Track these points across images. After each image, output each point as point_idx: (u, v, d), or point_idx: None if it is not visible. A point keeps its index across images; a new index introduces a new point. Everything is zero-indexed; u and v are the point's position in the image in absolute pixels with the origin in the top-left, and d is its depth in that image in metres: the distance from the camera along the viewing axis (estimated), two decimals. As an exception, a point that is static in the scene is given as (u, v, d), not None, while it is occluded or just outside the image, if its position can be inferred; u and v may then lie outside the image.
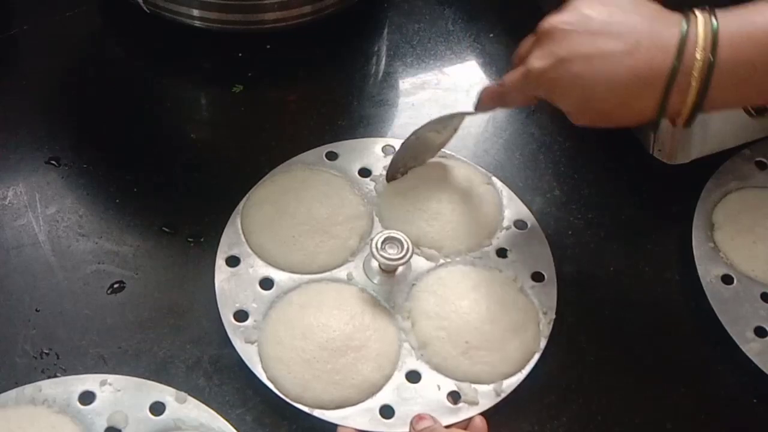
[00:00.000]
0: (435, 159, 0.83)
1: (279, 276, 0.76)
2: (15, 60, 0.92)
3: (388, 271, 0.76)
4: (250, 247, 0.77)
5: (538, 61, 0.67)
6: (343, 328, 0.72)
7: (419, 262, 0.77)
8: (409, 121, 0.89)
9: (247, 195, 0.79)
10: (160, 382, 0.69)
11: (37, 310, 0.74)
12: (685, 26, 0.63)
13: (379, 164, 0.83)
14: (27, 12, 0.93)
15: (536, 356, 0.73)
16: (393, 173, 0.81)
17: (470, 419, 0.69)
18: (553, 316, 0.75)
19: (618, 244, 0.83)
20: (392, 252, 0.74)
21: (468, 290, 0.75)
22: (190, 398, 0.68)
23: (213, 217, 0.81)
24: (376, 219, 0.80)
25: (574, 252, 0.82)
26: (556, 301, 0.76)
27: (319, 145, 0.85)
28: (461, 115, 0.80)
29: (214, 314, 0.75)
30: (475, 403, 0.71)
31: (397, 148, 0.82)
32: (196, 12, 0.87)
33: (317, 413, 0.69)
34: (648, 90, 0.63)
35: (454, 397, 0.71)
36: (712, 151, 0.85)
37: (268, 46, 0.93)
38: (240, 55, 0.92)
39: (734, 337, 0.75)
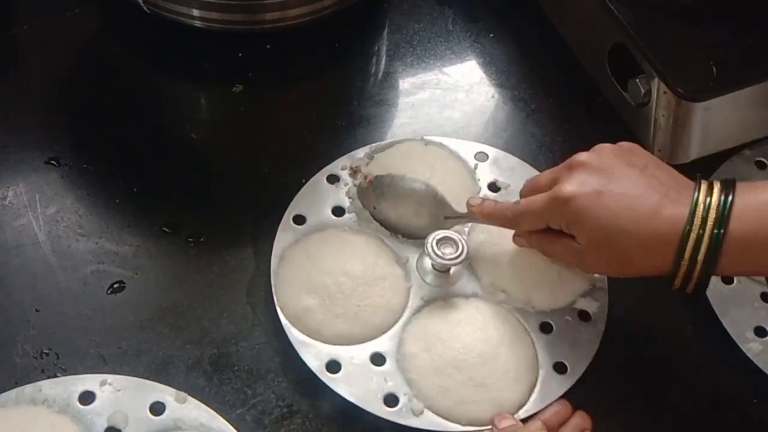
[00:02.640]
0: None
1: (379, 346, 0.73)
2: (15, 60, 0.92)
3: (443, 270, 0.76)
4: (332, 343, 0.72)
5: (570, 186, 0.67)
6: (476, 337, 0.72)
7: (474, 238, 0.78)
8: (409, 121, 0.89)
9: (276, 305, 0.74)
10: (160, 382, 0.69)
11: (37, 310, 0.74)
12: (696, 196, 0.65)
13: (339, 195, 0.81)
14: (27, 12, 0.93)
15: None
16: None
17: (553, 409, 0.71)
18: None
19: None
20: (449, 251, 0.74)
21: (509, 235, 0.76)
22: (190, 398, 0.68)
23: (213, 217, 0.81)
24: (388, 240, 0.78)
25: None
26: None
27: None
28: (444, 209, 0.78)
29: (215, 314, 0.75)
30: (600, 305, 0.75)
31: (336, 173, 0.81)
32: (196, 12, 0.87)
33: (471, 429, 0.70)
34: (662, 250, 0.65)
35: (584, 316, 0.75)
36: (712, 151, 0.85)
37: (268, 46, 0.93)
38: (240, 55, 0.92)
39: (734, 337, 0.75)
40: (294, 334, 0.73)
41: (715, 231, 0.63)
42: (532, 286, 0.76)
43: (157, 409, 0.68)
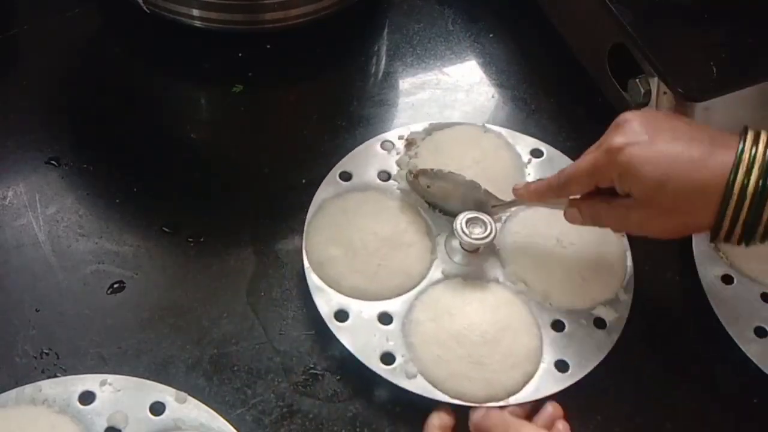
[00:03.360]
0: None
1: (390, 306, 0.75)
2: (15, 60, 0.92)
3: (472, 251, 0.77)
4: (347, 295, 0.75)
5: (619, 138, 0.67)
6: (484, 318, 0.74)
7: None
8: (409, 121, 0.89)
9: (304, 249, 0.76)
10: (160, 382, 0.69)
11: (37, 310, 0.74)
12: (741, 146, 0.64)
13: (389, 162, 0.83)
14: (27, 12, 0.93)
15: (628, 254, 0.79)
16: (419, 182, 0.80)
17: (538, 405, 0.71)
18: None
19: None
20: (478, 231, 0.75)
21: (549, 230, 0.78)
22: (190, 398, 0.68)
23: (213, 217, 0.81)
24: (425, 213, 0.80)
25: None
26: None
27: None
28: (488, 197, 0.78)
29: (215, 314, 0.75)
30: (618, 317, 0.75)
31: (391, 140, 0.84)
32: (196, 12, 0.87)
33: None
34: (709, 199, 0.64)
35: (599, 323, 0.75)
36: (712, 151, 0.85)
37: (268, 46, 0.93)
38: (240, 55, 0.92)
39: (734, 337, 0.75)
40: (313, 279, 0.75)
41: (761, 181, 0.62)
42: (553, 283, 0.76)
43: (157, 409, 0.68)
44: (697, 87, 0.80)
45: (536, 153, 0.85)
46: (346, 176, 0.82)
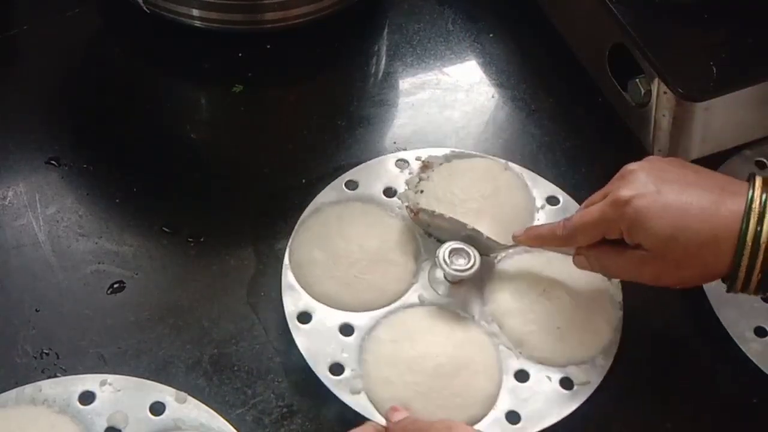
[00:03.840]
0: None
1: (355, 319, 0.74)
2: (15, 60, 0.92)
3: (455, 282, 0.75)
4: (316, 299, 0.74)
5: (626, 190, 0.66)
6: (445, 350, 0.71)
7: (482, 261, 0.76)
8: (409, 121, 0.89)
9: (288, 247, 0.76)
10: (160, 382, 0.69)
11: (37, 310, 0.74)
12: (750, 194, 0.63)
13: (399, 181, 0.81)
14: (27, 12, 0.93)
15: (618, 321, 0.75)
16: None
17: None
18: (619, 281, 0.76)
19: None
20: (461, 263, 0.73)
21: (539, 278, 0.75)
22: (190, 398, 0.68)
23: (213, 217, 0.81)
24: (419, 236, 0.78)
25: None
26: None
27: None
28: (491, 243, 0.76)
29: (215, 314, 0.75)
30: (587, 383, 0.71)
31: (407, 159, 0.82)
32: (196, 12, 0.87)
33: None
34: (723, 248, 0.63)
35: (566, 383, 0.72)
36: (712, 151, 0.85)
37: (268, 46, 0.93)
38: (240, 55, 0.92)
39: (734, 337, 0.75)
40: (288, 277, 0.75)
41: None
42: (529, 332, 0.73)
43: (157, 409, 0.68)
44: (697, 87, 0.80)
45: (552, 200, 0.82)
46: (352, 185, 0.81)
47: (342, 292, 0.74)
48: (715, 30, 0.84)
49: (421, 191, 0.80)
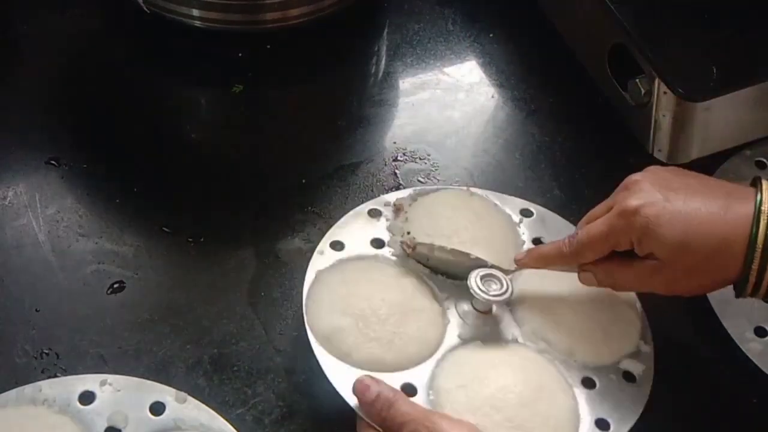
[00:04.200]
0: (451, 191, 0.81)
1: (411, 377, 0.69)
2: (15, 60, 0.92)
3: (485, 311, 0.73)
4: (360, 367, 0.69)
5: (632, 200, 0.65)
6: (516, 379, 0.69)
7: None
8: (409, 121, 0.89)
9: (306, 325, 0.70)
10: (160, 382, 0.69)
11: (37, 310, 0.74)
12: (759, 198, 0.63)
13: (379, 230, 0.77)
14: (27, 12, 0.93)
15: (638, 305, 0.75)
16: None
17: None
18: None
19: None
20: (495, 288, 0.71)
21: (558, 288, 0.74)
22: (190, 398, 0.68)
23: (213, 217, 0.81)
24: (426, 278, 0.75)
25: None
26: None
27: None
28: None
29: (215, 314, 0.75)
30: (646, 370, 0.72)
31: (377, 207, 0.79)
32: (196, 12, 0.87)
33: None
34: (733, 252, 0.63)
35: (628, 377, 0.72)
36: (712, 151, 0.85)
37: (268, 46, 0.93)
38: (240, 55, 0.92)
39: (734, 337, 0.75)
40: (322, 355, 0.69)
41: None
42: (575, 339, 0.72)
43: (157, 409, 0.68)
44: (697, 87, 0.80)
45: (526, 213, 0.80)
46: (338, 246, 0.76)
47: (387, 352, 0.70)
48: (715, 30, 0.84)
49: (408, 232, 0.77)
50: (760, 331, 0.76)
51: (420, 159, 0.87)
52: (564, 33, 0.95)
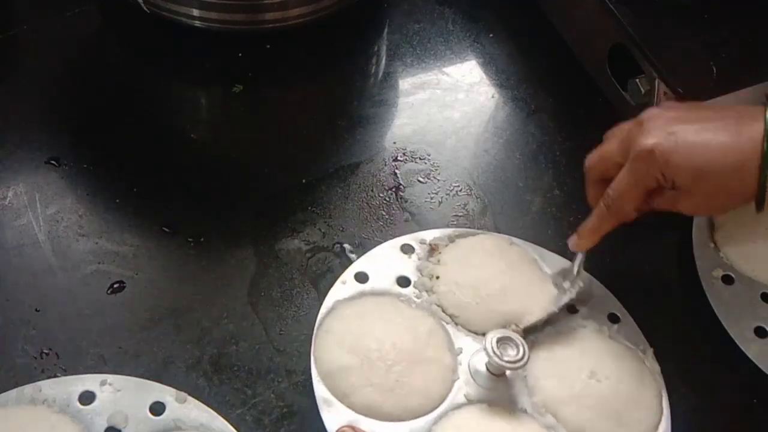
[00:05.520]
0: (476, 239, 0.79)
1: (406, 429, 0.67)
2: (15, 60, 0.92)
3: (498, 374, 0.70)
4: (357, 411, 0.67)
5: (648, 138, 0.67)
6: None
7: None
8: (409, 122, 0.89)
9: (312, 354, 0.70)
10: (160, 382, 0.69)
11: (37, 310, 0.74)
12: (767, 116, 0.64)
13: (408, 268, 0.76)
14: (27, 12, 0.93)
15: (664, 393, 0.72)
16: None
17: None
18: (652, 350, 0.74)
19: (618, 244, 0.82)
20: (511, 354, 0.67)
21: (582, 358, 0.71)
22: (190, 398, 0.68)
23: (213, 217, 0.81)
24: (447, 325, 0.73)
25: (574, 252, 0.82)
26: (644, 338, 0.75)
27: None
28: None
29: (215, 314, 0.75)
30: None
31: (411, 243, 0.77)
32: (196, 12, 0.87)
33: None
34: (748, 171, 0.65)
35: None
36: (712, 151, 0.85)
37: (268, 46, 0.93)
38: (240, 55, 0.92)
39: (734, 337, 0.75)
40: (320, 391, 0.68)
41: None
42: (587, 419, 0.69)
43: (157, 409, 0.68)
44: (697, 87, 0.80)
45: (565, 272, 0.77)
46: (362, 278, 0.75)
47: (385, 400, 0.68)
48: (715, 30, 0.84)
49: (437, 277, 0.75)
50: (760, 331, 0.76)
51: (420, 159, 0.87)
52: (564, 33, 0.95)
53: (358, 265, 0.76)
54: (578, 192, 0.85)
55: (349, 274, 0.75)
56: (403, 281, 0.75)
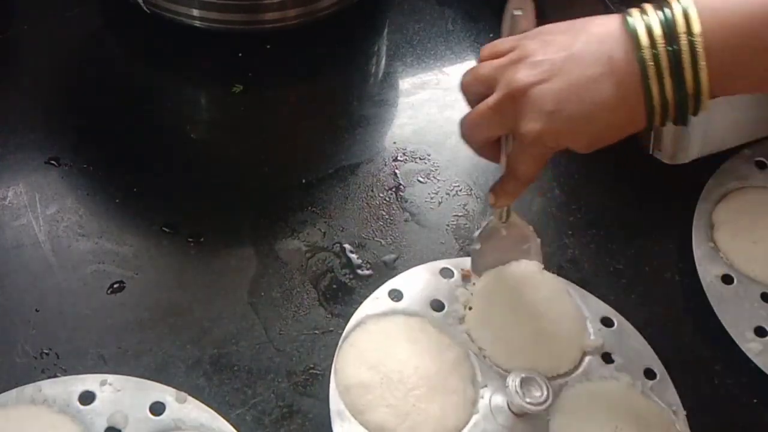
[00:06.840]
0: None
1: None
2: (15, 60, 0.92)
3: (519, 414, 0.68)
4: (369, 429, 0.66)
5: (531, 123, 0.64)
6: None
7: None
8: (409, 122, 0.89)
9: (333, 366, 0.69)
10: (160, 382, 0.69)
11: (37, 310, 0.74)
12: (631, 22, 0.61)
13: (445, 292, 0.74)
14: (27, 12, 0.93)
15: None
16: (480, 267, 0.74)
17: None
18: (685, 413, 0.71)
19: (618, 244, 0.83)
20: (536, 395, 0.66)
21: (609, 411, 0.69)
22: (190, 398, 0.68)
23: (213, 217, 0.81)
24: (474, 357, 0.71)
25: (574, 253, 0.82)
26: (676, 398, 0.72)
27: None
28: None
29: (215, 314, 0.75)
30: None
31: (452, 268, 0.76)
32: (196, 12, 0.87)
33: None
34: (634, 94, 0.61)
35: None
36: (712, 151, 0.85)
37: (268, 46, 0.93)
38: (240, 55, 0.92)
39: (734, 337, 0.75)
40: (336, 403, 0.67)
41: (669, 48, 0.59)
42: None
43: (157, 409, 0.68)
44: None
45: (606, 322, 0.75)
46: (396, 295, 0.73)
47: (400, 424, 0.66)
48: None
49: (470, 308, 0.73)
50: (760, 331, 0.76)
51: (420, 159, 0.87)
52: (564, 33, 0.94)
53: (394, 282, 0.74)
54: (578, 192, 0.85)
55: (383, 290, 0.74)
56: (437, 305, 0.74)
